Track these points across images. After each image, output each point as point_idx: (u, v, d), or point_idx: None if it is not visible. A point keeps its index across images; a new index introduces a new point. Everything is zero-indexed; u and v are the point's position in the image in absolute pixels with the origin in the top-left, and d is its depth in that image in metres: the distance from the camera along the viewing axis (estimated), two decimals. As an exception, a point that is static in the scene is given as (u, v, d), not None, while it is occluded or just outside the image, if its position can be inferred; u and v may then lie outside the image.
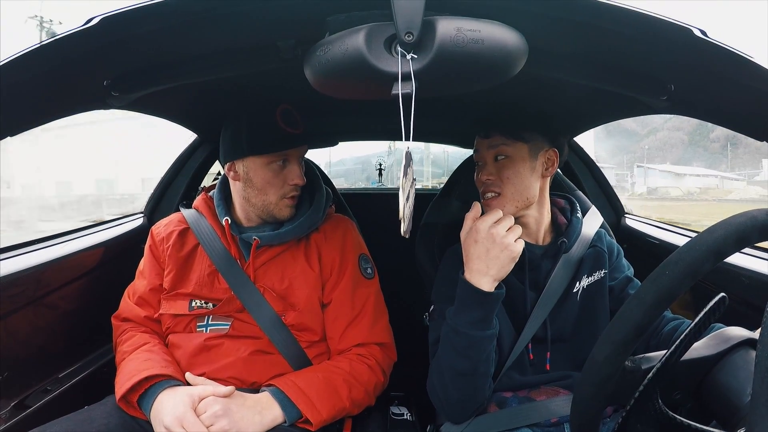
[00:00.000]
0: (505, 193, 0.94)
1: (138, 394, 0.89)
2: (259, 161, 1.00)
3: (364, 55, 0.57)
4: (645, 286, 0.45)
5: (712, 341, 0.51)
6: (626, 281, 1.03)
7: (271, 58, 0.76)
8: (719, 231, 0.43)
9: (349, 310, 1.05)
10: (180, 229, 1.08)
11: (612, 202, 1.68)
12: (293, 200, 1.04)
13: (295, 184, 1.02)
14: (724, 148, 79.98)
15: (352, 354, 1.02)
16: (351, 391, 0.96)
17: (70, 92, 0.76)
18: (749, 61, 0.61)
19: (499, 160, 0.95)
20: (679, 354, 0.48)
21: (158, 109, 1.16)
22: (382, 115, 1.53)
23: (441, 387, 0.90)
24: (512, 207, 0.94)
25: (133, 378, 0.88)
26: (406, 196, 0.63)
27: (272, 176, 1.00)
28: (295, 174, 1.01)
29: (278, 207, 1.02)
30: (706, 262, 0.43)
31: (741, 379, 0.47)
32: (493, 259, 0.84)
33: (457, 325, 0.86)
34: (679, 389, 0.51)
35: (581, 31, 0.65)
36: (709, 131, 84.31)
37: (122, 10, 0.57)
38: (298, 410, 0.89)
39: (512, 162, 0.94)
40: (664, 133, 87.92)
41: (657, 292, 0.44)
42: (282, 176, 1.01)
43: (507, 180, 0.93)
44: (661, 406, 0.49)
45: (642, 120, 51.40)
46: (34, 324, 1.11)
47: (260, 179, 1.00)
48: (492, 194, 0.95)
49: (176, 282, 1.04)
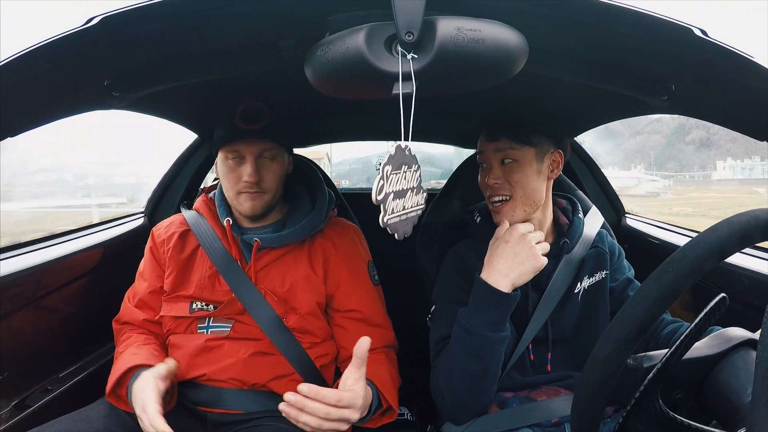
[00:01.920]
0: (515, 196, 0.93)
1: (125, 387, 0.90)
2: (221, 156, 1.02)
3: (364, 54, 0.57)
4: (648, 283, 0.45)
5: (713, 341, 0.51)
6: (627, 283, 1.02)
7: (271, 58, 0.76)
8: (723, 229, 0.43)
9: (366, 317, 1.06)
10: (181, 231, 1.08)
11: (612, 202, 1.68)
12: (251, 195, 1.01)
13: (246, 181, 0.99)
14: (698, 149, 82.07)
15: (380, 352, 1.04)
16: (394, 380, 0.98)
17: (70, 93, 0.76)
18: (750, 61, 0.61)
19: (506, 163, 0.94)
20: (680, 353, 0.48)
21: (159, 109, 1.16)
22: (382, 115, 1.53)
23: (447, 388, 0.90)
24: (522, 212, 0.94)
25: (116, 373, 0.90)
26: (395, 190, 0.61)
27: (228, 171, 1.01)
28: (245, 171, 0.99)
29: (238, 201, 1.02)
30: (709, 259, 0.43)
31: (741, 380, 0.47)
32: (518, 264, 0.87)
33: (472, 326, 0.86)
34: (680, 388, 0.51)
35: (582, 30, 0.65)
36: (685, 134, 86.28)
37: (122, 10, 0.57)
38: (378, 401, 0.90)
39: (520, 166, 0.93)
40: (643, 136, 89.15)
41: (660, 289, 0.44)
42: (237, 172, 1.00)
43: (516, 184, 0.93)
44: (662, 406, 0.49)
45: (627, 122, 53.01)
46: (35, 324, 1.11)
47: (221, 174, 1.03)
48: (501, 198, 0.94)
49: (177, 284, 1.03)
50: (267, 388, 0.98)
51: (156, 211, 1.62)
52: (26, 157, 16.07)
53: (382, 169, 0.60)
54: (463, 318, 0.89)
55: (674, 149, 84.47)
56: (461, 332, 0.88)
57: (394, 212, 0.63)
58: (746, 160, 54.01)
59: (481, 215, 1.06)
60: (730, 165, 54.88)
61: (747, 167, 53.10)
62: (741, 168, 53.39)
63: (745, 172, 52.38)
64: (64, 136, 28.61)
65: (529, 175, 0.93)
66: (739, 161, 55.26)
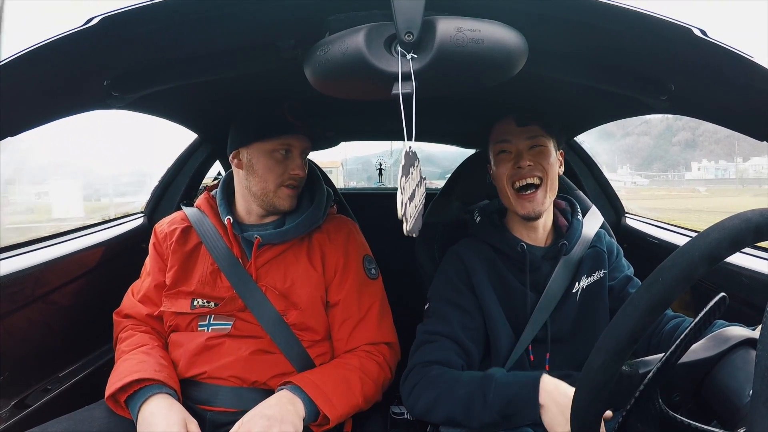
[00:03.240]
0: (545, 181, 0.95)
1: (126, 394, 0.89)
2: (263, 149, 1.02)
3: (364, 54, 0.57)
4: (639, 293, 0.45)
5: (712, 342, 0.51)
6: (626, 280, 1.03)
7: (271, 58, 0.76)
8: (712, 235, 0.43)
9: (356, 311, 1.05)
10: (183, 227, 1.09)
11: (612, 202, 1.68)
12: (292, 190, 1.04)
13: (296, 174, 1.03)
14: (683, 150, 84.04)
15: (361, 351, 1.03)
16: (363, 386, 0.96)
17: (70, 92, 0.76)
18: (749, 61, 0.61)
19: (536, 149, 0.96)
20: (678, 355, 0.48)
21: (158, 109, 1.16)
22: (383, 115, 1.53)
23: (423, 396, 0.88)
24: (549, 199, 0.96)
25: (124, 378, 0.88)
26: (409, 196, 0.63)
27: (274, 164, 1.02)
28: (296, 165, 1.03)
29: (277, 195, 1.03)
30: (699, 267, 0.42)
31: (741, 379, 0.47)
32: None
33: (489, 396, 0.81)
34: (679, 391, 0.51)
35: (582, 31, 0.65)
36: (672, 135, 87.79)
37: (122, 10, 0.57)
38: (315, 407, 0.89)
39: (549, 152, 0.96)
40: (633, 137, 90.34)
41: (650, 299, 0.44)
42: (284, 165, 1.02)
43: (549, 166, 0.95)
44: (662, 406, 0.49)
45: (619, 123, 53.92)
46: (35, 323, 1.11)
47: (262, 166, 1.02)
48: (533, 182, 0.95)
49: (178, 278, 1.04)
50: (267, 387, 0.98)
51: (156, 211, 1.63)
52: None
53: (400, 183, 0.61)
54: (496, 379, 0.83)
55: (660, 150, 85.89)
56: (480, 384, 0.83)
57: (411, 216, 0.64)
58: (720, 162, 55.37)
59: (480, 215, 1.06)
60: (704, 166, 56.90)
61: (721, 168, 54.39)
62: (715, 169, 54.73)
63: (719, 172, 53.91)
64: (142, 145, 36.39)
65: (553, 163, 0.96)
66: (714, 162, 56.71)
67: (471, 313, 0.96)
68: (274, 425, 0.82)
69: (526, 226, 1.01)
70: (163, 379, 0.91)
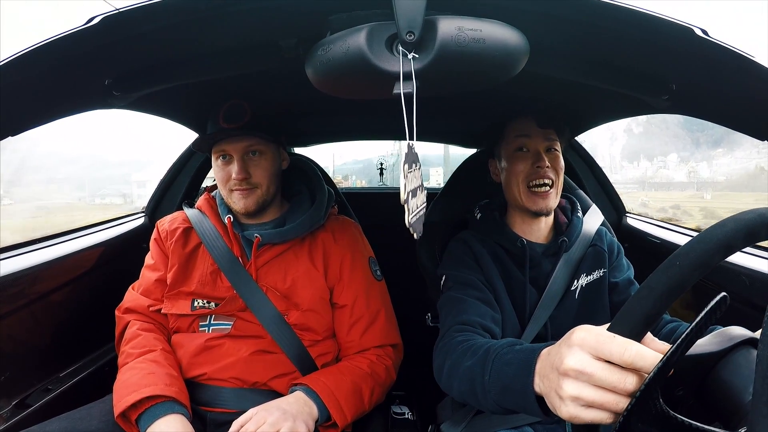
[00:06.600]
0: (556, 183, 0.98)
1: (138, 412, 0.86)
2: (212, 157, 1.04)
3: (365, 54, 0.57)
4: (655, 276, 0.44)
5: (716, 338, 0.51)
6: (628, 283, 1.02)
7: (272, 58, 0.76)
8: (729, 225, 0.43)
9: (366, 313, 1.05)
10: (183, 228, 1.09)
11: (613, 202, 1.68)
12: (243, 191, 1.02)
13: (237, 178, 1.00)
14: None
15: (371, 354, 1.04)
16: (373, 394, 0.98)
17: (71, 92, 0.76)
18: (750, 61, 0.61)
19: (552, 152, 0.99)
20: (681, 352, 0.48)
21: (160, 108, 1.16)
22: (386, 115, 1.53)
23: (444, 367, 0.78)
24: (558, 200, 0.99)
25: (134, 395, 0.86)
26: (411, 189, 0.62)
27: (218, 170, 1.03)
28: (233, 170, 1.00)
29: (231, 199, 1.03)
30: (716, 254, 0.42)
31: (742, 379, 0.47)
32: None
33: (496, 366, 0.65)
34: (682, 386, 0.51)
35: (583, 30, 0.65)
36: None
37: (123, 10, 0.57)
38: (327, 413, 0.90)
39: (560, 156, 0.99)
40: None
41: (668, 282, 0.43)
42: (227, 171, 1.02)
43: (561, 169, 0.98)
44: (663, 405, 0.49)
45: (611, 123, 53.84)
46: (36, 323, 1.11)
47: (214, 173, 1.05)
48: (547, 182, 0.97)
49: (178, 278, 1.04)
50: (268, 387, 0.98)
51: (156, 211, 1.63)
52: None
53: (402, 168, 0.60)
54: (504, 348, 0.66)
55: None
56: (496, 354, 0.66)
57: (413, 211, 0.63)
58: (690, 162, 56.12)
59: (481, 212, 1.06)
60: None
61: (693, 170, 54.85)
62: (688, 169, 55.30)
63: (690, 174, 54.20)
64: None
65: (563, 166, 0.99)
66: (683, 163, 57.29)
67: (484, 289, 0.95)
68: (288, 419, 0.84)
69: (527, 222, 1.01)
70: (174, 395, 0.89)
